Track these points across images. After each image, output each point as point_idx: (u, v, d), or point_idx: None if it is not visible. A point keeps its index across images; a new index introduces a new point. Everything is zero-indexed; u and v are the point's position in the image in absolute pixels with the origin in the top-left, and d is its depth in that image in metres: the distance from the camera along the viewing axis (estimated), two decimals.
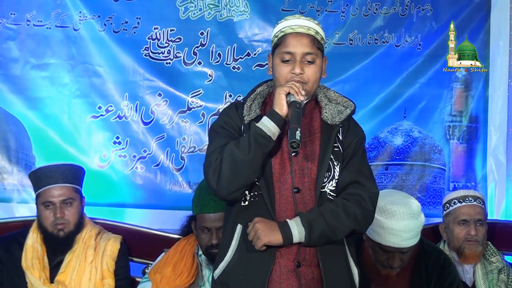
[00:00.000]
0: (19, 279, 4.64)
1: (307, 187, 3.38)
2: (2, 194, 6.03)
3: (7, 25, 6.06)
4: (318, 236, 3.28)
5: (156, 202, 6.13)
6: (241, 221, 3.37)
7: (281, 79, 3.38)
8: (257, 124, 3.25)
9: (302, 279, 3.33)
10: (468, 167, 6.41)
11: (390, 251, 4.16)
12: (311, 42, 3.39)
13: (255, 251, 3.29)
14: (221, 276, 3.40)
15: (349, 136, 3.48)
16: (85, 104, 6.13)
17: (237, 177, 3.26)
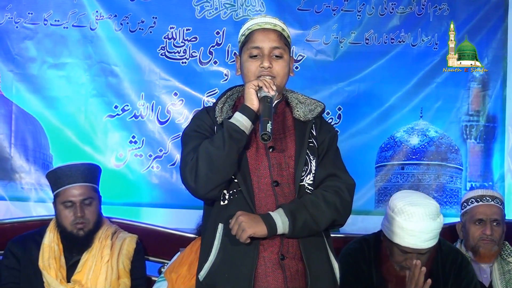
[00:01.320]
0: (36, 278, 4.67)
1: (286, 180, 3.43)
2: (20, 193, 6.07)
3: (24, 24, 6.10)
4: (301, 226, 3.32)
5: (172, 201, 6.14)
6: (222, 221, 3.41)
7: (250, 75, 3.46)
8: (230, 119, 3.32)
9: (287, 271, 3.36)
10: (485, 166, 6.39)
11: (408, 252, 4.15)
12: (278, 37, 3.48)
13: (239, 247, 3.32)
14: (207, 277, 3.42)
15: (323, 132, 3.57)
16: (102, 103, 6.17)
17: (214, 174, 3.29)
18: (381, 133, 6.29)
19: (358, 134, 6.27)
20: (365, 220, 5.65)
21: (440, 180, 6.36)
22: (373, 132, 6.31)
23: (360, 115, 6.31)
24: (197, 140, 3.43)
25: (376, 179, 6.32)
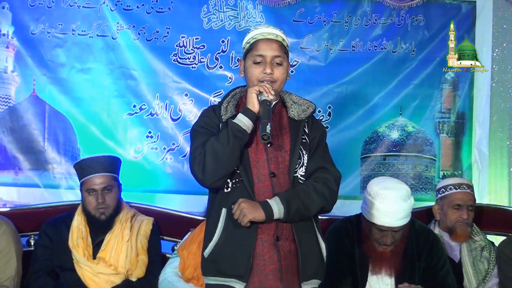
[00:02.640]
0: (66, 256, 4.68)
1: (282, 172, 3.44)
2: (52, 182, 6.10)
3: (55, 34, 6.12)
4: (294, 212, 3.34)
5: (184, 188, 6.13)
6: (225, 206, 3.41)
7: (253, 79, 3.42)
8: (234, 120, 3.33)
9: (281, 251, 3.37)
10: (455, 157, 6.41)
11: (384, 230, 4.20)
12: (280, 47, 3.45)
13: (240, 229, 3.33)
14: (211, 254, 3.42)
15: (314, 130, 3.57)
16: (122, 103, 6.20)
17: (219, 168, 3.31)
18: (365, 128, 6.32)
19: (345, 129, 6.27)
20: (352, 204, 5.62)
21: (417, 169, 6.38)
22: (358, 128, 6.31)
23: (348, 113, 6.31)
24: (204, 136, 3.44)
25: (361, 168, 6.33)
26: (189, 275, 4.62)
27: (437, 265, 4.43)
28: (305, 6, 6.31)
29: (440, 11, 6.42)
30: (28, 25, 6.12)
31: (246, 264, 3.34)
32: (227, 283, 3.39)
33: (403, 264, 4.36)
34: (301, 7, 6.30)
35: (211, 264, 3.43)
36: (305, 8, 6.31)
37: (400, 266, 4.35)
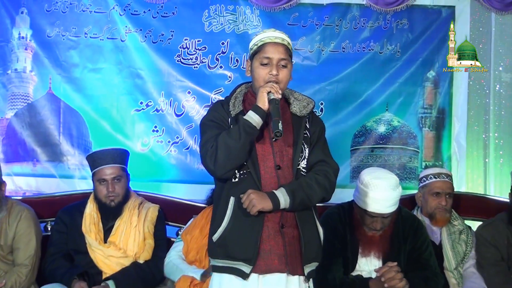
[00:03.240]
0: (80, 240, 4.74)
1: (286, 165, 3.44)
2: (67, 172, 6.14)
3: (69, 37, 6.16)
4: (299, 202, 3.35)
5: (187, 178, 6.18)
6: (233, 194, 3.40)
7: (259, 79, 3.42)
8: (245, 117, 3.32)
9: (285, 237, 3.39)
10: (436, 149, 6.45)
11: (375, 216, 4.23)
12: (285, 50, 3.44)
13: (248, 217, 3.34)
14: (220, 239, 3.42)
15: (314, 125, 3.58)
16: (130, 100, 6.23)
17: (230, 160, 3.32)
18: (355, 123, 6.35)
19: (336, 124, 6.29)
20: (342, 192, 5.46)
21: (402, 161, 6.42)
22: (348, 122, 6.34)
23: (338, 108, 6.34)
24: (213, 129, 3.44)
25: (351, 159, 6.36)
26: (192, 257, 4.69)
27: (421, 248, 4.45)
28: (299, 10, 6.33)
29: (422, 15, 6.43)
30: (45, 28, 6.15)
31: (254, 249, 3.36)
32: (235, 266, 3.39)
33: (391, 247, 4.37)
34: (295, 11, 6.32)
35: (219, 248, 3.43)
36: (299, 12, 6.33)
37: (388, 249, 4.36)
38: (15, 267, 4.70)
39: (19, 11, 6.14)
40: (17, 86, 6.15)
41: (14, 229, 4.72)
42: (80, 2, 6.18)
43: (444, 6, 6.44)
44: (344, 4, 6.38)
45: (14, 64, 6.14)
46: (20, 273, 4.66)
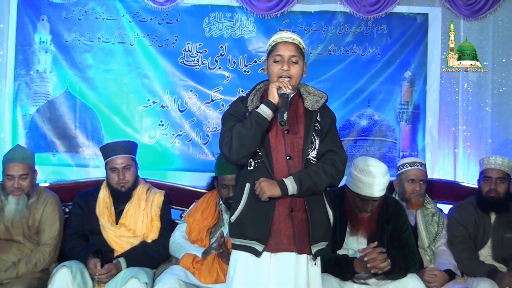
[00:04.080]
0: (94, 222, 4.77)
1: (296, 155, 3.43)
2: (83, 162, 6.16)
3: (84, 41, 6.16)
4: (306, 189, 3.36)
5: (189, 167, 6.19)
6: (249, 181, 3.43)
7: (273, 75, 3.44)
8: (257, 109, 3.35)
9: (294, 220, 3.41)
10: (412, 141, 6.46)
11: (366, 199, 4.26)
12: (296, 48, 3.44)
13: (260, 202, 3.36)
14: (237, 220, 3.45)
15: (325, 118, 3.53)
16: (138, 97, 6.23)
17: (243, 148, 3.34)
18: (340, 117, 6.17)
19: None
20: None
21: (381, 151, 6.43)
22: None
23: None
24: (232, 121, 3.46)
25: None
26: (194, 237, 4.72)
27: (401, 229, 4.46)
28: (289, 17, 6.33)
29: (399, 22, 6.42)
30: (63, 34, 6.14)
31: (265, 230, 3.39)
32: (249, 244, 3.42)
33: (376, 227, 4.38)
34: (286, 18, 6.32)
35: (236, 228, 3.47)
36: (289, 19, 6.33)
37: (374, 229, 4.38)
38: (40, 246, 4.74)
39: (40, 18, 6.14)
40: (39, 85, 6.14)
41: (41, 213, 4.77)
42: (94, 10, 6.18)
43: (418, 13, 6.44)
44: (330, 12, 6.38)
45: (36, 66, 6.14)
46: (44, 252, 4.70)
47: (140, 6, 6.21)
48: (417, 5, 6.45)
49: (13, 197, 4.67)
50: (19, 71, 6.14)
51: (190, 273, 4.48)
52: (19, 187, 4.67)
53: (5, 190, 4.71)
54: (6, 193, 4.70)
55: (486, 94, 6.45)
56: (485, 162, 5.10)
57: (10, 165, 4.70)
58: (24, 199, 4.71)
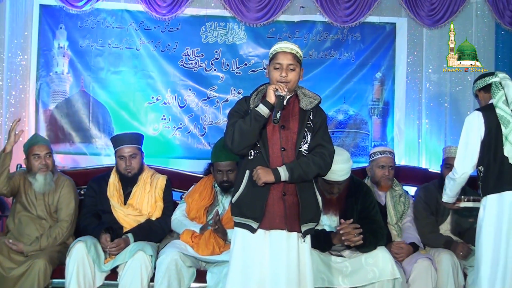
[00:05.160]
0: (105, 203, 4.77)
1: (290, 148, 3.47)
2: (95, 151, 6.15)
3: (96, 47, 6.15)
4: (296, 177, 3.40)
5: (188, 155, 6.19)
6: (249, 168, 3.47)
7: (273, 80, 3.46)
8: (256, 108, 3.38)
9: (286, 203, 3.46)
10: (382, 132, 6.46)
11: (331, 184, 4.26)
12: (293, 57, 3.48)
13: (257, 186, 3.42)
14: (237, 201, 3.51)
15: (317, 117, 3.55)
16: (144, 95, 6.22)
17: (243, 140, 3.40)
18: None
19: None
20: None
21: (356, 141, 6.44)
22: None
23: None
24: (236, 117, 3.49)
25: None
26: (192, 215, 4.72)
27: (369, 207, 4.45)
28: (275, 26, 6.32)
29: (371, 30, 6.43)
30: (78, 40, 6.12)
31: (260, 211, 3.44)
32: (246, 222, 3.47)
33: (345, 206, 4.37)
34: (272, 27, 6.31)
35: (236, 208, 3.52)
36: (275, 28, 6.32)
37: (343, 208, 4.37)
38: (59, 222, 4.74)
39: (59, 27, 6.12)
40: (57, 85, 6.12)
41: (59, 194, 4.78)
42: (105, 20, 6.16)
43: (387, 23, 6.44)
44: (310, 22, 6.37)
45: (55, 68, 6.12)
46: (62, 227, 4.71)
47: (145, 16, 6.18)
48: (386, 16, 6.44)
49: (41, 174, 4.69)
50: (41, 73, 6.12)
51: (189, 247, 4.47)
52: (45, 163, 4.70)
53: (32, 171, 4.72)
54: (32, 173, 4.72)
55: (445, 92, 6.46)
56: (447, 150, 5.09)
57: (35, 146, 4.72)
58: (50, 175, 4.73)
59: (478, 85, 4.24)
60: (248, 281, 3.47)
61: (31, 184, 4.74)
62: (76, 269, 4.33)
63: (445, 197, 4.30)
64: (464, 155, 4.05)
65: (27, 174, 4.77)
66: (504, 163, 3.91)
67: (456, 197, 4.29)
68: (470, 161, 4.02)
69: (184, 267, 4.36)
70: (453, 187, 4.18)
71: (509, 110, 3.95)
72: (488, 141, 3.97)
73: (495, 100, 4.00)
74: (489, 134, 3.96)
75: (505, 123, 3.92)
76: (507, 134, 3.92)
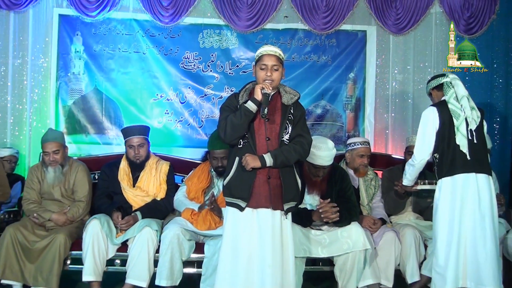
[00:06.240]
0: (116, 185, 4.77)
1: (273, 137, 3.51)
2: (108, 140, 6.10)
3: (108, 51, 6.10)
4: (279, 163, 3.45)
5: (188, 144, 6.14)
6: (238, 155, 3.51)
7: (259, 79, 3.52)
8: (245, 104, 3.43)
9: (271, 185, 3.51)
10: (355, 125, 6.44)
11: (318, 168, 4.30)
12: (276, 59, 3.52)
13: (246, 171, 3.46)
14: (228, 183, 3.54)
15: (297, 111, 3.60)
16: (149, 93, 6.17)
17: (234, 132, 3.45)
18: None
19: None
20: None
21: (332, 132, 6.40)
22: None
23: None
24: (227, 112, 3.52)
25: None
26: (192, 196, 4.73)
27: (345, 189, 4.46)
28: (263, 33, 6.28)
29: (345, 36, 6.41)
30: (92, 45, 6.08)
31: (248, 191, 3.48)
32: (235, 201, 3.51)
33: (326, 188, 4.40)
34: (260, 34, 6.27)
35: (227, 190, 3.55)
36: (263, 34, 6.28)
37: (324, 189, 4.39)
38: (75, 202, 4.75)
39: (75, 33, 6.08)
40: (74, 84, 6.08)
41: (74, 177, 4.78)
42: (115, 27, 6.12)
43: (359, 30, 6.41)
44: (293, 29, 6.34)
45: (72, 69, 6.08)
46: (79, 206, 4.71)
47: (151, 24, 6.15)
48: (358, 24, 6.41)
49: (51, 168, 4.69)
50: (60, 73, 6.07)
51: (189, 223, 4.49)
52: (53, 160, 4.68)
53: (45, 163, 4.72)
54: (46, 165, 4.72)
55: (408, 90, 6.44)
56: (409, 140, 5.12)
57: (44, 144, 4.71)
58: (59, 168, 4.71)
59: (432, 85, 4.33)
60: (238, 252, 3.49)
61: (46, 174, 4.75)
62: (91, 243, 4.35)
63: (405, 181, 4.36)
64: (422, 144, 4.13)
65: (43, 165, 4.77)
66: (456, 150, 4.01)
67: (415, 180, 4.35)
68: (427, 149, 4.11)
69: (185, 240, 4.38)
70: (412, 172, 4.27)
71: (459, 105, 4.03)
72: (442, 132, 4.05)
73: (447, 97, 4.10)
74: (443, 126, 4.04)
75: (456, 116, 4.02)
76: (458, 126, 4.01)
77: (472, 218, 3.91)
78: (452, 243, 3.92)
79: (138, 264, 4.34)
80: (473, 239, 3.89)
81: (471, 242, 3.89)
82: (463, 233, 3.91)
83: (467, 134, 4.00)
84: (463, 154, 3.97)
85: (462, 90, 4.08)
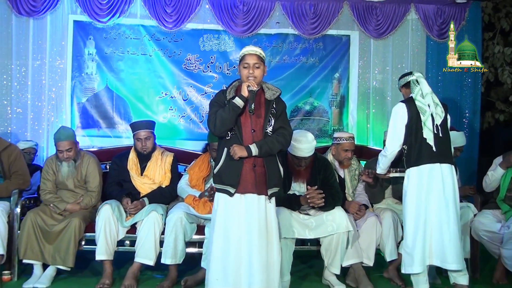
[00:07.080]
0: (126, 174, 4.74)
1: (258, 129, 3.49)
2: (118, 134, 6.08)
3: (118, 54, 6.08)
4: (264, 152, 3.44)
5: (190, 137, 6.13)
6: (226, 146, 3.49)
7: (243, 76, 3.50)
8: (233, 100, 3.42)
9: (256, 172, 3.49)
10: (339, 120, 6.43)
11: (300, 158, 4.29)
12: (257, 57, 3.50)
13: (234, 160, 3.45)
14: (218, 172, 3.52)
15: (278, 105, 3.57)
16: (155, 91, 6.15)
17: (223, 126, 3.43)
18: (291, 104, 6.26)
19: None
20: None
21: (319, 126, 6.39)
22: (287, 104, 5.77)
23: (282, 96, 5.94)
24: (216, 107, 3.49)
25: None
26: (193, 184, 4.72)
27: (329, 177, 4.45)
28: (257, 37, 6.26)
29: (331, 40, 6.39)
30: (103, 48, 6.07)
31: (236, 178, 3.46)
32: (225, 188, 3.48)
33: (311, 176, 4.38)
34: (255, 38, 6.24)
35: (217, 177, 3.53)
36: (257, 38, 6.26)
37: (309, 177, 4.38)
38: (88, 192, 4.73)
39: (88, 37, 6.06)
40: (88, 83, 6.06)
41: (86, 169, 4.74)
42: (124, 32, 6.10)
43: (344, 35, 6.40)
44: (284, 34, 6.31)
45: (85, 70, 6.06)
46: (91, 196, 4.70)
47: (156, 29, 6.12)
48: (343, 30, 6.39)
49: (65, 163, 4.67)
50: (75, 74, 6.05)
51: (191, 207, 4.48)
52: (67, 156, 4.65)
53: (59, 158, 4.70)
54: (59, 160, 4.69)
55: (387, 88, 6.44)
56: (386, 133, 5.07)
57: (58, 143, 4.66)
58: (72, 163, 4.68)
59: (400, 83, 4.33)
60: (229, 233, 3.48)
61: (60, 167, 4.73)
62: (103, 226, 4.35)
63: (378, 170, 4.37)
64: (392, 137, 4.14)
65: (57, 159, 4.74)
66: (422, 143, 4.02)
67: (387, 169, 4.35)
68: (397, 142, 4.11)
69: (188, 223, 4.39)
70: (385, 162, 4.27)
71: (425, 102, 4.04)
72: (410, 126, 4.07)
73: (414, 94, 4.11)
74: (411, 121, 4.05)
75: (423, 112, 4.03)
76: (425, 121, 4.03)
77: (437, 204, 3.93)
78: (419, 226, 3.93)
79: (145, 244, 4.34)
80: (439, 222, 3.91)
81: (437, 225, 3.91)
82: (429, 217, 3.93)
83: (433, 128, 4.00)
84: (429, 146, 3.98)
85: (426, 88, 4.08)
